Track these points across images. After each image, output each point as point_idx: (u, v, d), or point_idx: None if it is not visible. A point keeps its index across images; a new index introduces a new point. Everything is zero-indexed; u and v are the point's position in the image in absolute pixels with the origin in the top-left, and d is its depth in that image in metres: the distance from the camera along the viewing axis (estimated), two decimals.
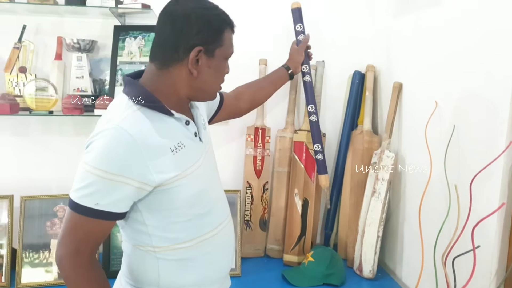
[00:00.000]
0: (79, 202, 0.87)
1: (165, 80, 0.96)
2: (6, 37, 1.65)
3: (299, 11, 1.63)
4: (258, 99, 1.53)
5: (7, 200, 1.60)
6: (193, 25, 0.92)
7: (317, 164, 1.70)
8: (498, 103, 1.04)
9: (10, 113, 1.53)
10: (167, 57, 0.95)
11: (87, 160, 0.87)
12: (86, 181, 0.86)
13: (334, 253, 1.60)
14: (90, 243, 0.92)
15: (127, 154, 0.87)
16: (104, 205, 0.87)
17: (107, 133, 0.87)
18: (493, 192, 1.04)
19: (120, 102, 0.95)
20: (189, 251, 0.99)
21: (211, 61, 0.97)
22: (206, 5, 0.96)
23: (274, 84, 1.56)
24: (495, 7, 1.06)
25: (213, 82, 1.02)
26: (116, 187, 0.86)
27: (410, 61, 1.54)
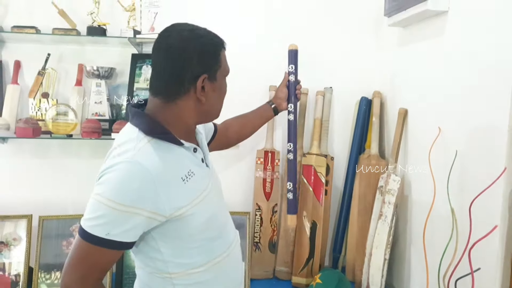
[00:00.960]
0: (90, 231, 0.88)
1: (173, 112, 0.98)
2: (32, 65, 1.76)
3: (295, 53, 1.65)
4: (244, 133, 1.56)
5: (26, 220, 1.66)
6: (193, 56, 0.95)
7: (288, 203, 1.69)
8: (497, 129, 1.08)
9: (32, 136, 1.62)
10: (172, 91, 0.97)
11: (100, 191, 0.88)
12: (98, 212, 0.88)
13: (342, 276, 1.62)
14: (97, 271, 0.93)
15: (142, 187, 0.88)
16: (115, 235, 0.88)
17: (122, 166, 0.89)
18: (493, 215, 1.07)
19: (130, 134, 0.96)
20: (203, 274, 1.01)
21: (215, 85, 1.00)
22: (198, 32, 0.98)
23: (260, 118, 1.59)
24: (494, 38, 1.12)
25: (218, 103, 1.06)
26: (128, 218, 0.88)
27: (415, 88, 1.59)
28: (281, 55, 1.89)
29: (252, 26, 1.85)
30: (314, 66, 1.91)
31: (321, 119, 1.88)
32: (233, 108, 1.62)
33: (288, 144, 1.67)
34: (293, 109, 1.64)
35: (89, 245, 0.89)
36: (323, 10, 1.90)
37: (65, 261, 0.92)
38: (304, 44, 1.89)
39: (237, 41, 1.86)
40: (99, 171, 0.93)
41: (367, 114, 1.89)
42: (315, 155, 1.81)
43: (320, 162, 1.81)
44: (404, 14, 1.50)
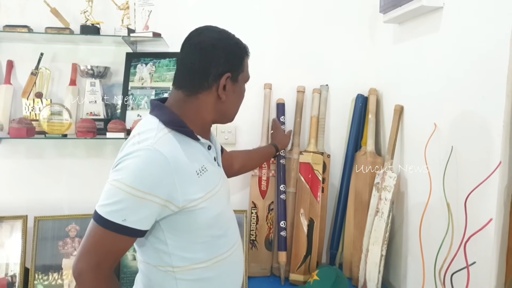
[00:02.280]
0: (107, 217, 0.89)
1: (192, 106, 1.02)
2: (25, 65, 1.75)
3: (283, 106, 1.87)
4: (247, 166, 1.64)
5: (21, 220, 1.65)
6: (221, 54, 1.00)
7: (279, 241, 1.78)
8: (492, 125, 1.09)
9: (26, 136, 1.60)
10: (196, 85, 1.01)
11: (118, 177, 0.90)
12: (116, 198, 0.89)
13: (339, 272, 1.63)
14: (111, 258, 0.94)
15: (160, 174, 0.91)
16: (131, 221, 0.90)
17: (141, 153, 0.91)
18: (488, 210, 1.08)
19: (150, 124, 0.99)
20: (206, 271, 1.02)
21: (236, 86, 1.05)
22: (227, 35, 1.05)
23: (263, 157, 1.72)
24: (489, 33, 1.12)
25: (236, 106, 1.10)
26: (145, 204, 0.90)
27: (411, 84, 1.59)
28: (276, 52, 1.90)
29: (247, 23, 1.84)
30: (310, 64, 1.91)
31: (318, 116, 1.88)
32: None
33: (281, 185, 1.80)
34: (285, 154, 1.83)
35: (105, 231, 0.90)
36: (318, 7, 1.90)
37: (79, 247, 0.93)
38: (300, 42, 1.90)
39: None
40: (116, 158, 0.95)
41: (363, 111, 1.90)
42: (312, 152, 1.81)
43: (317, 159, 1.81)
44: (400, 11, 1.51)
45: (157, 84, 1.78)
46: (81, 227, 1.67)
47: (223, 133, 1.87)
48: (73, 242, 1.65)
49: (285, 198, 1.81)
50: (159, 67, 1.79)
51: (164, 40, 1.72)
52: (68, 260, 1.64)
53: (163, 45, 1.78)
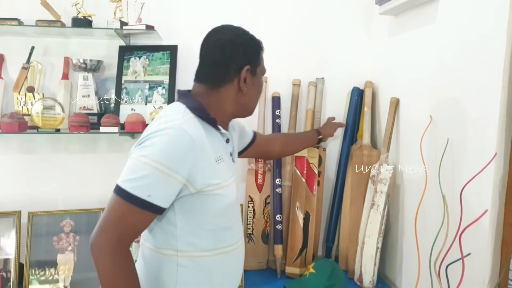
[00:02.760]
0: (132, 191, 0.90)
1: (215, 98, 1.07)
2: (16, 58, 1.72)
3: (278, 99, 1.87)
4: (288, 149, 1.62)
5: (14, 216, 1.64)
6: (239, 49, 1.06)
7: (275, 235, 1.78)
8: (487, 116, 1.08)
9: (18, 131, 1.58)
10: (218, 79, 1.06)
11: (145, 153, 0.92)
12: (142, 173, 0.91)
13: (335, 265, 1.63)
14: (132, 233, 0.95)
15: (185, 152, 0.94)
16: (155, 198, 0.92)
17: (170, 132, 0.94)
18: (484, 201, 1.08)
19: (178, 109, 1.03)
20: (208, 261, 1.04)
21: (254, 79, 1.11)
22: (242, 31, 1.11)
23: (304, 142, 1.67)
24: (485, 25, 1.12)
25: (256, 98, 1.15)
26: (169, 181, 0.93)
27: (406, 76, 1.59)
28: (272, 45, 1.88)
29: (241, 16, 1.82)
30: (305, 57, 1.90)
31: (313, 110, 1.87)
32: None
33: (277, 179, 1.80)
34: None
35: (129, 206, 0.91)
36: (314, 0, 1.88)
37: (99, 221, 0.93)
38: (295, 35, 1.89)
39: None
40: (142, 136, 0.98)
41: (358, 104, 1.89)
42: None
43: (312, 153, 1.81)
44: (395, 2, 1.50)
45: (150, 78, 1.76)
46: (75, 222, 1.66)
47: None
48: (67, 238, 1.64)
49: (281, 192, 1.81)
50: (152, 60, 1.77)
51: (157, 33, 1.69)
52: (63, 255, 1.63)
53: (157, 38, 1.76)
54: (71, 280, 1.61)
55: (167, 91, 1.74)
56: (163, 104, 1.74)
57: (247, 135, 1.40)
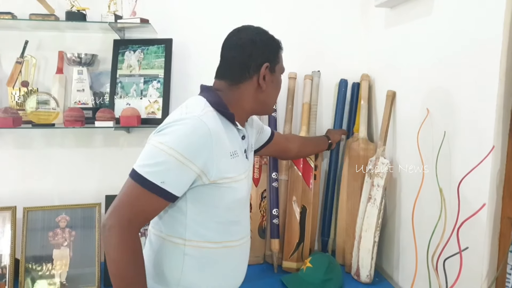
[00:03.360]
0: (146, 176, 0.93)
1: (234, 94, 1.10)
2: (9, 53, 1.70)
3: None
4: (304, 151, 1.68)
5: (10, 211, 1.62)
6: (259, 47, 1.10)
7: (272, 229, 1.78)
8: (485, 109, 1.08)
9: (13, 126, 1.56)
10: (238, 76, 1.10)
11: (163, 140, 0.95)
12: (158, 159, 0.94)
13: (332, 259, 1.63)
14: (143, 218, 0.98)
15: (202, 143, 0.96)
16: (169, 184, 0.94)
17: (189, 122, 0.97)
18: (481, 194, 1.07)
19: (199, 101, 1.06)
20: (214, 252, 1.06)
21: (273, 76, 1.14)
22: (263, 30, 1.15)
23: (318, 146, 1.75)
24: (482, 17, 1.11)
25: (274, 96, 1.19)
26: (184, 170, 0.95)
27: (403, 69, 1.58)
28: None
29: (236, 9, 1.81)
30: (301, 50, 1.88)
31: (310, 103, 1.86)
32: None
33: (273, 173, 1.80)
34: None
35: (142, 190, 0.93)
36: None
37: (112, 203, 0.96)
38: (291, 27, 1.87)
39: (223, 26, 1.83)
40: (162, 123, 1.01)
41: (354, 97, 1.88)
42: None
43: None
44: None
45: (145, 72, 1.75)
46: (71, 218, 1.65)
47: None
48: (63, 233, 1.63)
49: (277, 186, 1.80)
50: (147, 54, 1.75)
51: (152, 26, 1.68)
52: (59, 250, 1.62)
53: (151, 32, 1.74)
54: (67, 275, 1.60)
55: (162, 85, 1.73)
56: (158, 98, 1.73)
57: (265, 133, 1.44)
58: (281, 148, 1.55)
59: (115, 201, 0.96)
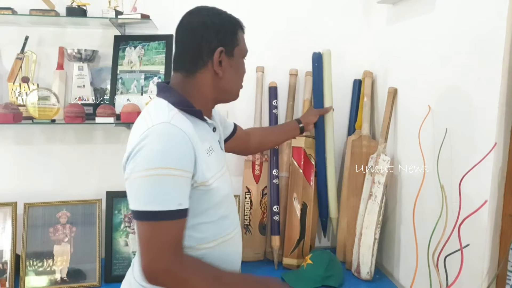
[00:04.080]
0: (165, 208, 0.87)
1: (193, 85, 1.03)
2: (10, 48, 1.69)
3: (275, 89, 1.84)
4: (266, 143, 1.58)
5: (10, 207, 1.62)
6: (211, 30, 1.01)
7: (272, 226, 1.77)
8: (487, 106, 1.07)
9: (13, 122, 1.56)
10: (192, 64, 1.02)
11: (147, 166, 0.87)
12: (157, 187, 0.87)
13: (332, 256, 1.63)
14: (180, 243, 0.93)
15: (183, 148, 0.91)
16: (184, 202, 0.91)
17: (160, 132, 0.89)
18: (483, 192, 1.07)
19: (160, 106, 0.99)
20: (210, 251, 1.03)
21: (232, 61, 1.05)
22: (217, 11, 1.05)
23: (284, 134, 1.61)
24: (484, 14, 1.10)
25: (236, 81, 1.10)
26: (183, 181, 0.90)
27: (405, 66, 1.57)
28: (269, 34, 1.86)
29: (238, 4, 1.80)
30: (302, 46, 1.87)
31: (311, 100, 1.86)
32: None
33: (274, 170, 1.78)
34: None
35: (169, 223, 0.88)
36: None
37: (144, 254, 0.88)
38: (292, 24, 1.86)
39: None
40: (131, 146, 0.91)
41: (356, 94, 1.87)
42: (305, 137, 1.79)
43: (309, 144, 1.80)
44: None
45: (146, 68, 1.74)
46: (72, 214, 1.65)
47: None
48: (64, 229, 1.63)
49: (278, 183, 1.80)
50: (148, 50, 1.75)
51: (152, 22, 1.67)
52: (59, 246, 1.62)
53: (152, 28, 1.74)
54: (67, 271, 1.60)
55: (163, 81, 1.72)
56: None
57: (228, 126, 1.37)
58: (242, 143, 1.45)
59: (148, 251, 0.88)
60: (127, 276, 1.12)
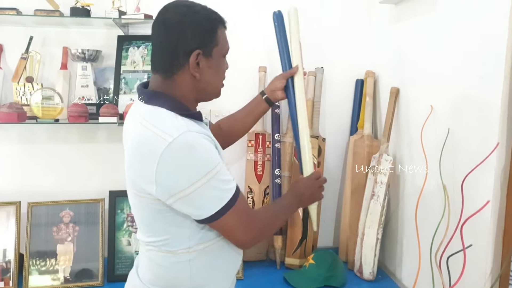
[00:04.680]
0: (230, 194, 0.95)
1: (173, 88, 0.99)
2: (14, 48, 1.70)
3: None
4: (237, 129, 1.46)
5: (14, 206, 1.63)
6: (187, 30, 0.95)
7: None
8: (490, 106, 1.07)
9: (17, 121, 1.57)
10: (169, 66, 0.97)
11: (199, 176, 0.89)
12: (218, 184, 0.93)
13: (334, 256, 1.63)
14: (248, 207, 1.06)
15: (210, 145, 0.94)
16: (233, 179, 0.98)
17: (186, 141, 0.89)
18: (485, 192, 1.07)
19: (163, 115, 0.95)
20: (214, 248, 1.03)
21: (211, 61, 1.00)
22: (195, 8, 0.98)
23: (251, 113, 1.46)
24: (488, 13, 1.10)
25: (216, 81, 1.06)
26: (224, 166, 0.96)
27: (407, 66, 1.57)
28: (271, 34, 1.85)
29: (241, 5, 1.80)
30: (304, 46, 1.87)
31: (313, 100, 1.86)
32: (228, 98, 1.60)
33: (276, 169, 1.80)
34: None
35: (238, 201, 0.96)
36: None
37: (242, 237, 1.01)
38: None
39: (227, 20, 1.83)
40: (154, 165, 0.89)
41: (358, 94, 1.87)
42: None
43: (312, 143, 1.79)
44: None
45: (149, 68, 1.73)
46: (75, 213, 1.66)
47: (217, 117, 1.84)
48: (67, 228, 1.64)
49: (280, 182, 1.80)
50: (151, 50, 1.75)
51: None
52: (62, 245, 1.63)
53: None
54: (70, 270, 1.61)
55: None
56: None
57: None
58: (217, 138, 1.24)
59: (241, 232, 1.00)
60: (130, 278, 1.11)
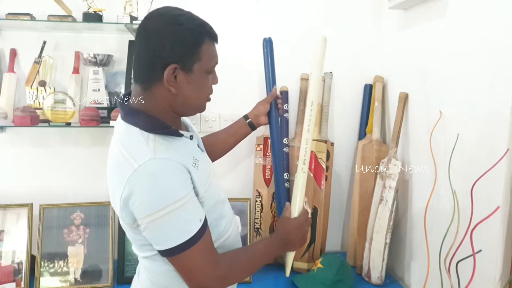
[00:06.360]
0: (192, 233, 0.90)
1: (152, 100, 0.94)
2: (28, 53, 1.73)
3: (286, 93, 1.84)
4: (216, 150, 1.43)
5: (26, 208, 1.66)
6: (165, 43, 0.89)
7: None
8: (499, 112, 1.07)
9: (30, 124, 1.60)
10: (146, 77, 0.92)
11: (159, 207, 0.86)
12: (179, 218, 0.88)
13: (343, 260, 1.63)
14: (213, 251, 0.97)
15: (180, 174, 0.89)
16: (202, 214, 0.94)
17: (150, 170, 0.86)
18: (495, 197, 1.07)
19: (134, 136, 0.92)
20: None
21: (190, 77, 0.93)
22: (180, 19, 0.91)
23: (232, 136, 1.47)
24: (497, 19, 1.10)
25: (197, 97, 0.98)
26: (194, 198, 0.92)
27: (416, 71, 1.57)
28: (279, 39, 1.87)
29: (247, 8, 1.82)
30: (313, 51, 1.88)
31: (322, 104, 1.87)
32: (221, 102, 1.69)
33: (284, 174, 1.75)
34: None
35: (200, 242, 0.91)
36: None
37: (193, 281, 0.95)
38: (303, 29, 1.88)
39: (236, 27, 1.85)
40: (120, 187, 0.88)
41: (367, 99, 1.88)
42: (316, 140, 1.80)
43: (320, 147, 1.80)
44: None
45: None
46: (85, 215, 1.68)
47: (227, 122, 1.85)
48: (78, 230, 1.66)
49: (288, 186, 1.81)
50: None
51: None
52: (73, 247, 1.65)
53: None
54: (81, 272, 1.63)
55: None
56: None
57: None
58: None
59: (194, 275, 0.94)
60: (133, 284, 1.12)
